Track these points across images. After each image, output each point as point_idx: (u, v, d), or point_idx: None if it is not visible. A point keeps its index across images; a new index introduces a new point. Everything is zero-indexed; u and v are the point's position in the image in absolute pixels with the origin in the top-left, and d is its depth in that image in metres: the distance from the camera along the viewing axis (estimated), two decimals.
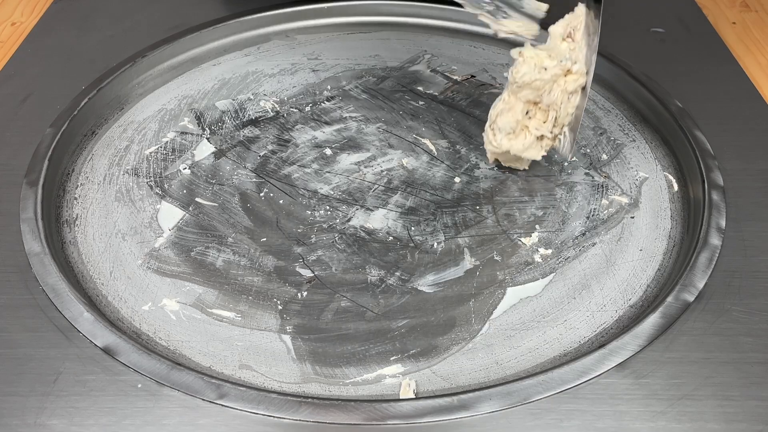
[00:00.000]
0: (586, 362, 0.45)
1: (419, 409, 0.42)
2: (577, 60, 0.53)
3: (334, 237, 0.55)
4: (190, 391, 0.43)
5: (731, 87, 0.68)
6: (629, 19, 0.55)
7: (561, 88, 0.54)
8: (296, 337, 0.48)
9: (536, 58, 0.53)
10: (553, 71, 0.53)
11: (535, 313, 0.50)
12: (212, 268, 0.53)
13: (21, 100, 0.65)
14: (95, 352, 0.45)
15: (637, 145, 0.63)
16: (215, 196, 0.58)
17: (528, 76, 0.53)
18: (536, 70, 0.53)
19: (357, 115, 0.67)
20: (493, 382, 0.45)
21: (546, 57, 0.53)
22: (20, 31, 0.76)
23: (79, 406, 0.43)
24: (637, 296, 0.51)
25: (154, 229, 0.55)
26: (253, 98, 0.68)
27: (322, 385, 0.45)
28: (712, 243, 0.52)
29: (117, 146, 0.63)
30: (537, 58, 0.53)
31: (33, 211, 0.54)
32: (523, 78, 0.53)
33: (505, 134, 0.56)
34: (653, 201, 0.58)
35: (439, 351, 0.47)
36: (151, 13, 0.78)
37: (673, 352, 0.46)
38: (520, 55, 0.54)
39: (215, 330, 0.48)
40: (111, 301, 0.50)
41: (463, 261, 0.53)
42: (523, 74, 0.53)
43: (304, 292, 0.51)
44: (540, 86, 0.54)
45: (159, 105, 0.67)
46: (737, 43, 0.75)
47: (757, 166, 0.59)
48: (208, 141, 0.64)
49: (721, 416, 0.42)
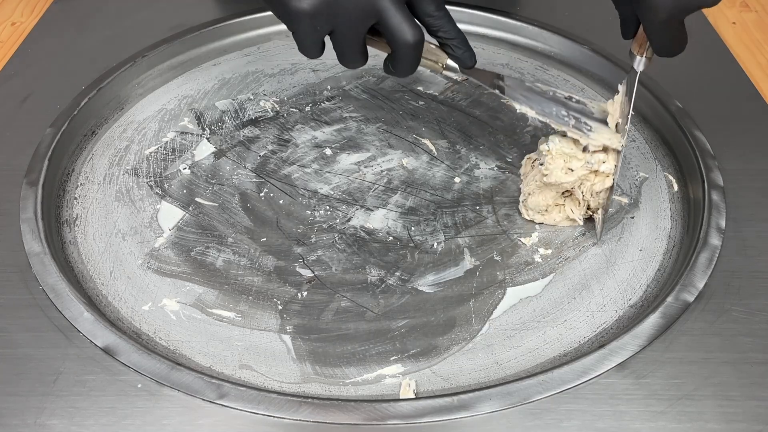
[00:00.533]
0: (586, 362, 0.45)
1: (419, 409, 0.42)
2: (605, 160, 0.52)
3: (334, 237, 0.55)
4: (190, 391, 0.43)
5: (731, 87, 0.68)
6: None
7: (588, 188, 0.53)
8: (296, 337, 0.48)
9: (564, 155, 0.52)
10: (580, 173, 0.52)
11: (535, 313, 0.50)
12: (212, 268, 0.53)
13: (21, 100, 0.65)
14: (95, 352, 0.45)
15: (637, 145, 0.63)
16: (215, 196, 0.58)
17: (554, 177, 0.52)
18: (563, 171, 0.52)
19: (357, 115, 0.67)
20: (493, 382, 0.45)
21: (574, 155, 0.52)
22: (20, 31, 0.76)
23: (79, 406, 0.43)
24: (637, 296, 0.51)
25: (154, 229, 0.55)
26: (253, 98, 0.68)
27: (322, 385, 0.45)
28: (712, 243, 0.52)
29: (117, 146, 0.63)
30: (564, 155, 0.52)
31: (33, 211, 0.54)
32: (548, 179, 0.53)
33: (536, 212, 0.56)
34: (653, 201, 0.58)
35: (439, 351, 0.47)
36: (151, 13, 0.78)
37: (673, 352, 0.46)
38: (548, 152, 0.52)
39: (215, 330, 0.48)
40: (111, 301, 0.50)
41: (463, 261, 0.53)
42: (550, 173, 0.52)
43: (304, 292, 0.51)
44: (567, 185, 0.53)
45: (159, 105, 0.67)
46: (737, 43, 0.75)
47: (757, 166, 0.59)
48: (208, 141, 0.64)
49: (720, 416, 0.42)
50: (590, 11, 0.77)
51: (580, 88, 0.70)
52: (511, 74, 0.58)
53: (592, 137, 0.51)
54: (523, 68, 0.72)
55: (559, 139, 0.52)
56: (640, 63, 0.51)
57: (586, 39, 0.72)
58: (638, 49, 0.50)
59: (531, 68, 0.72)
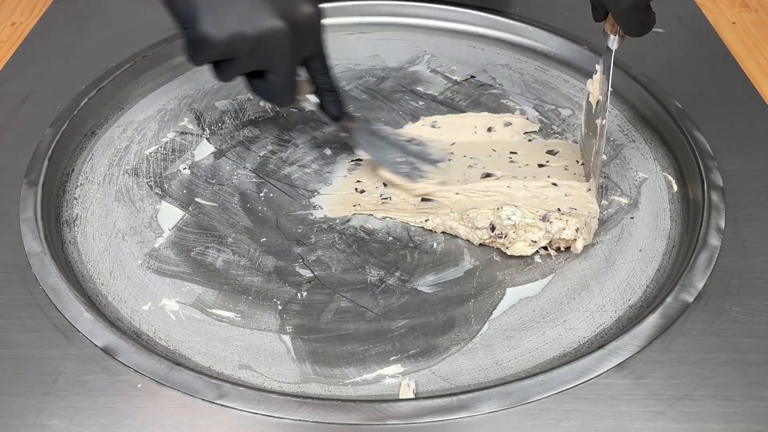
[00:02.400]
0: (586, 362, 0.45)
1: (419, 409, 0.42)
2: (565, 227, 0.52)
3: (333, 237, 0.55)
4: (189, 391, 0.43)
5: (731, 87, 0.68)
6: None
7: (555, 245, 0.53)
8: (296, 337, 0.48)
9: (525, 226, 0.52)
10: (542, 243, 0.52)
11: (535, 314, 0.50)
12: (212, 268, 0.53)
13: (21, 100, 0.65)
14: (95, 352, 0.45)
15: (637, 146, 0.63)
16: (215, 196, 0.58)
17: (517, 250, 0.52)
18: (526, 243, 0.52)
19: (357, 115, 0.67)
20: (493, 382, 0.45)
21: (534, 224, 0.52)
22: (20, 31, 0.76)
23: (79, 406, 0.43)
24: (636, 297, 0.51)
25: (153, 229, 0.55)
26: (253, 98, 0.68)
27: (321, 386, 0.45)
28: (711, 243, 0.52)
29: (117, 146, 0.63)
30: (525, 226, 0.52)
31: (33, 211, 0.54)
32: (511, 252, 0.53)
33: None
34: (653, 201, 0.58)
35: (438, 351, 0.47)
36: (151, 13, 0.78)
37: (673, 353, 0.46)
38: (513, 226, 0.52)
39: (215, 330, 0.48)
40: (111, 301, 0.50)
41: (462, 261, 0.53)
42: (513, 247, 0.52)
43: (303, 292, 0.51)
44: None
45: (159, 105, 0.67)
46: (737, 43, 0.75)
47: (757, 166, 0.59)
48: (208, 141, 0.64)
49: (720, 416, 0.42)
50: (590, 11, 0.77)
51: (580, 88, 0.70)
52: (362, 116, 0.64)
53: (418, 184, 0.56)
54: (523, 68, 0.72)
55: (521, 212, 0.52)
56: (614, 41, 0.53)
57: (586, 39, 0.72)
58: (611, 29, 0.53)
59: (531, 68, 0.72)
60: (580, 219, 0.52)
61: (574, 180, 0.57)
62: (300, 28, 0.50)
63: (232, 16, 0.48)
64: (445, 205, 0.56)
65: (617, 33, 0.52)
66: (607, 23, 0.53)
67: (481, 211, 0.53)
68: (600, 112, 0.55)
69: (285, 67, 0.52)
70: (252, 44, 0.49)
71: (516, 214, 0.52)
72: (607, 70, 0.54)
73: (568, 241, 0.53)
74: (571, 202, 0.54)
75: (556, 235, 0.52)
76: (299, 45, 0.51)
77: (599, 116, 0.55)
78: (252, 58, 0.51)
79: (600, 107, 0.55)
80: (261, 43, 0.49)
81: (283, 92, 0.54)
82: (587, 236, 0.53)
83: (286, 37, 0.50)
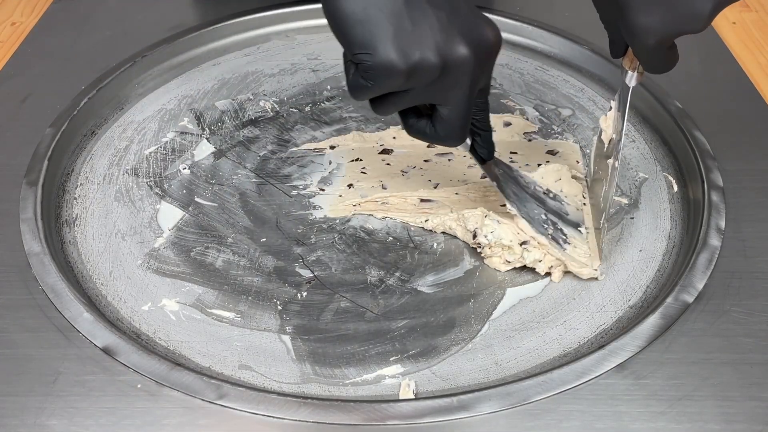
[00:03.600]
0: (586, 363, 0.45)
1: (419, 409, 0.42)
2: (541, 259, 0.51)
3: (333, 237, 0.55)
4: (189, 391, 0.43)
5: (731, 87, 0.68)
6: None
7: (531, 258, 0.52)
8: (296, 337, 0.48)
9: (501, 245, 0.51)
10: (516, 265, 0.52)
11: (535, 314, 0.50)
12: (212, 269, 0.53)
13: (21, 100, 0.65)
14: (95, 353, 0.45)
15: (637, 146, 0.63)
16: (215, 196, 0.58)
17: (492, 264, 0.52)
18: (501, 260, 0.52)
19: (357, 115, 0.67)
20: (493, 382, 0.45)
21: (510, 246, 0.51)
22: (20, 31, 0.76)
23: (79, 406, 0.43)
24: (636, 297, 0.51)
25: (153, 229, 0.55)
26: (252, 98, 0.68)
27: (321, 386, 0.45)
28: (711, 244, 0.52)
29: (117, 146, 0.63)
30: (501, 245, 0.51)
31: (33, 211, 0.54)
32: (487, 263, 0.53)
33: None
34: (653, 202, 0.58)
35: (438, 351, 0.47)
36: (151, 13, 0.78)
37: (673, 353, 0.46)
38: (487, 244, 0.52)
39: (215, 330, 0.48)
40: (111, 301, 0.50)
41: (462, 261, 0.53)
42: (489, 260, 0.52)
43: (303, 293, 0.51)
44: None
45: (159, 105, 0.67)
46: (737, 43, 0.75)
47: (757, 166, 0.59)
48: (207, 141, 0.64)
49: (720, 417, 0.42)
50: (590, 11, 0.76)
51: (580, 88, 0.70)
52: (499, 159, 0.54)
53: (567, 252, 0.51)
54: (523, 68, 0.72)
55: (500, 232, 0.51)
56: (632, 78, 0.49)
57: (586, 39, 0.72)
58: (629, 65, 0.49)
59: (531, 68, 0.72)
60: (562, 259, 0.51)
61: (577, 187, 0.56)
62: (482, 56, 0.44)
63: (417, 42, 0.41)
64: (445, 205, 0.56)
65: (636, 70, 0.49)
66: (626, 59, 0.49)
67: (475, 213, 0.53)
68: (613, 152, 0.51)
69: (463, 100, 0.44)
70: (435, 74, 0.42)
71: (494, 233, 0.51)
72: (623, 108, 0.50)
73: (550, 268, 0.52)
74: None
75: (530, 265, 0.51)
76: (479, 75, 0.44)
77: (611, 156, 0.51)
78: (428, 91, 0.44)
79: (613, 147, 0.51)
80: (444, 73, 0.42)
81: (455, 129, 0.46)
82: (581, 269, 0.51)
83: (470, 66, 0.43)
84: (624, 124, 0.51)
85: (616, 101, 0.51)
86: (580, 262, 0.51)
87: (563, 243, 0.52)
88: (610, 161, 0.52)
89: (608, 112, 0.52)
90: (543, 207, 0.53)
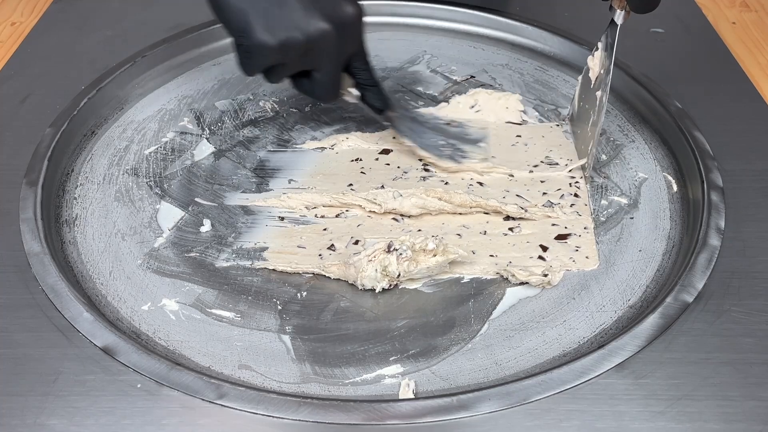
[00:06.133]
0: (586, 362, 0.45)
1: (418, 409, 0.42)
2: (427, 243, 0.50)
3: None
4: (189, 391, 0.43)
5: (731, 87, 0.68)
6: (629, 20, 0.55)
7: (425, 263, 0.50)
8: (296, 337, 0.48)
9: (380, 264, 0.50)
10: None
11: (535, 314, 0.50)
12: (212, 269, 0.53)
13: (21, 100, 0.65)
14: (95, 352, 0.45)
15: (637, 146, 0.63)
16: (215, 196, 0.58)
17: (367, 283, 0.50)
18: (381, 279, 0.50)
19: (357, 115, 0.67)
20: (493, 382, 0.45)
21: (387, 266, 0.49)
22: (20, 31, 0.76)
23: (79, 406, 0.43)
24: (636, 297, 0.51)
25: (153, 229, 0.55)
26: (252, 98, 0.68)
27: (321, 385, 0.45)
28: (711, 244, 0.52)
29: (117, 146, 0.63)
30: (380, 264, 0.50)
31: (33, 211, 0.54)
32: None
33: None
34: (652, 202, 0.58)
35: (438, 351, 0.47)
36: (151, 13, 0.78)
37: (673, 353, 0.46)
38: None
39: (214, 330, 0.48)
40: (110, 301, 0.50)
41: None
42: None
43: (303, 292, 0.51)
44: None
45: (159, 105, 0.67)
46: (737, 43, 0.75)
47: (757, 166, 0.59)
48: (207, 141, 0.64)
49: (720, 416, 0.42)
50: (590, 11, 0.77)
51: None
52: (402, 104, 0.66)
53: (463, 163, 0.58)
54: (523, 68, 0.72)
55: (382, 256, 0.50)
56: (620, 16, 0.54)
57: (586, 39, 0.72)
58: (618, 4, 0.54)
59: (531, 68, 0.72)
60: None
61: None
62: (344, 28, 0.53)
63: (282, 23, 0.50)
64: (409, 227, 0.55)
65: (624, 8, 0.54)
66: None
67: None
68: (600, 85, 0.56)
69: (331, 66, 0.54)
70: (302, 48, 0.51)
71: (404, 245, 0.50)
72: (611, 45, 0.55)
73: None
74: None
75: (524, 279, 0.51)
76: (344, 44, 0.54)
77: (599, 89, 0.56)
78: (301, 61, 0.53)
79: (600, 81, 0.56)
80: (310, 46, 0.52)
81: (328, 90, 0.56)
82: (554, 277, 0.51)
83: (332, 38, 0.52)
84: (612, 59, 0.55)
85: (603, 41, 0.56)
86: (476, 161, 0.59)
87: (461, 159, 0.59)
88: (599, 93, 0.57)
89: (594, 51, 0.58)
90: (443, 135, 0.61)
